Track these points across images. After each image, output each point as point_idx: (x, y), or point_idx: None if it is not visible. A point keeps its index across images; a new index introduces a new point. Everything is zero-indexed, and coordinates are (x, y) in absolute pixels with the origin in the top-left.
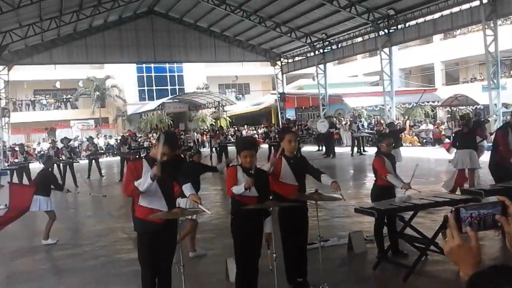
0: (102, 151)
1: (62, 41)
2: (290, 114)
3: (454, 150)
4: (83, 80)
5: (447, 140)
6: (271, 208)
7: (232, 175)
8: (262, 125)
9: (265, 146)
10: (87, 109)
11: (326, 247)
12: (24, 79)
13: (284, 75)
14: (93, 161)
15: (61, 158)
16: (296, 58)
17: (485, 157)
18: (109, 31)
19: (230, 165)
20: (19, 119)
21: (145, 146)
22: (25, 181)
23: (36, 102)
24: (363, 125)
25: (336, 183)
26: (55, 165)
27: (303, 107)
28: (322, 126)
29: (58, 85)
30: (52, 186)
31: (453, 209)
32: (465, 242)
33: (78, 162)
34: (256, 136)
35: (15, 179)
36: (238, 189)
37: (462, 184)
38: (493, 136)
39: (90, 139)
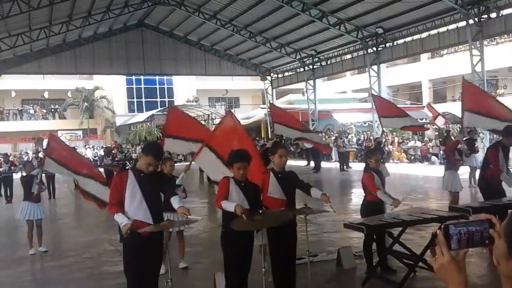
0: None
1: (51, 51)
2: None
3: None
4: (72, 90)
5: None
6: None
7: (224, 187)
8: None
9: None
10: (75, 120)
11: (315, 263)
12: (12, 88)
13: (274, 90)
14: None
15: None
16: (286, 73)
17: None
18: (99, 42)
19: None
20: (6, 128)
21: (132, 157)
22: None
23: (23, 112)
24: (349, 141)
25: (326, 195)
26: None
27: None
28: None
29: (46, 95)
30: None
31: (442, 226)
32: (455, 259)
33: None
34: None
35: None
36: (227, 207)
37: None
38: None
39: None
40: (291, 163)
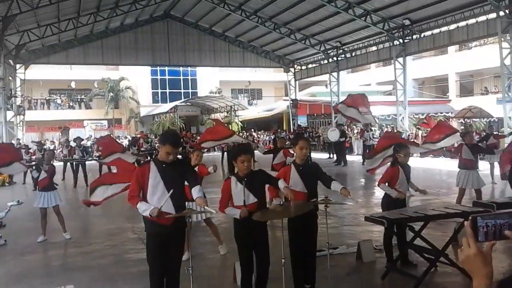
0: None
1: (78, 42)
2: (302, 121)
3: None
4: (98, 81)
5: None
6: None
7: (226, 190)
8: (270, 131)
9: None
10: (101, 110)
11: (335, 255)
12: (40, 78)
13: (297, 82)
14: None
15: (73, 157)
16: (310, 65)
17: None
18: (125, 33)
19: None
20: (34, 118)
21: (156, 148)
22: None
23: (51, 101)
24: (372, 134)
25: (346, 189)
26: (68, 163)
27: (315, 114)
28: (332, 135)
29: (73, 85)
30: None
31: (470, 217)
32: (481, 251)
33: (90, 161)
34: (266, 140)
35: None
36: (232, 214)
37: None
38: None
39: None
40: (314, 155)
